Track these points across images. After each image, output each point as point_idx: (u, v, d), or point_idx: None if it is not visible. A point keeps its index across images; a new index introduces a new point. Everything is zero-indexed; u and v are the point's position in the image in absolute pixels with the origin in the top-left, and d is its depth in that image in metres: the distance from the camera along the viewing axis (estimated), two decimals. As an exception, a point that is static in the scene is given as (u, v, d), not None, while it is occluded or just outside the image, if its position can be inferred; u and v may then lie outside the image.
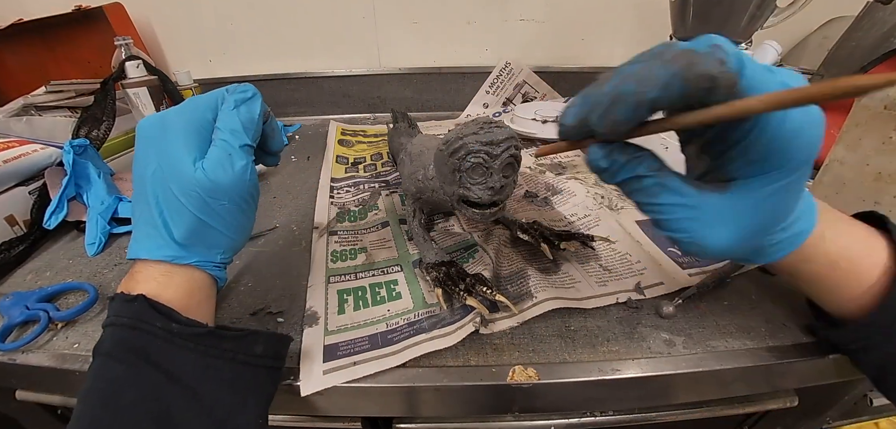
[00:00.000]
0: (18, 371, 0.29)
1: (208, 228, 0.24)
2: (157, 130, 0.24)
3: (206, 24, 0.80)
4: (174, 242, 0.24)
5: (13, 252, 0.39)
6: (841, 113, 0.52)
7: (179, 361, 0.21)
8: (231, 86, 0.26)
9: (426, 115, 0.85)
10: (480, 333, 0.29)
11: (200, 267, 0.25)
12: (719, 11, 0.41)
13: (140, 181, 0.24)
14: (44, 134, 0.61)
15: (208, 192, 0.23)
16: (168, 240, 0.23)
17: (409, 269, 0.36)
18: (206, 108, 0.25)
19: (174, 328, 0.22)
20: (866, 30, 0.55)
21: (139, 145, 0.24)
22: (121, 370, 0.20)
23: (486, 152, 0.29)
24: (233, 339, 0.23)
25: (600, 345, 0.29)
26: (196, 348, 0.22)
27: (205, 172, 0.23)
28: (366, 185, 0.54)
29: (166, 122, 0.24)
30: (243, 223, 0.26)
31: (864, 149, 0.26)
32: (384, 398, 0.27)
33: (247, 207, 0.26)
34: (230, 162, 0.24)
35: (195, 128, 0.24)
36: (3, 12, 0.73)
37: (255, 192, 0.27)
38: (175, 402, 0.20)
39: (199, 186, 0.23)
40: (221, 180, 0.23)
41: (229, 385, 0.22)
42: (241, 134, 0.25)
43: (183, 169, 0.23)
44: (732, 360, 0.28)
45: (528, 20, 0.82)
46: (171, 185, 0.23)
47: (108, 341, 0.21)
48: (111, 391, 0.20)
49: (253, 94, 0.26)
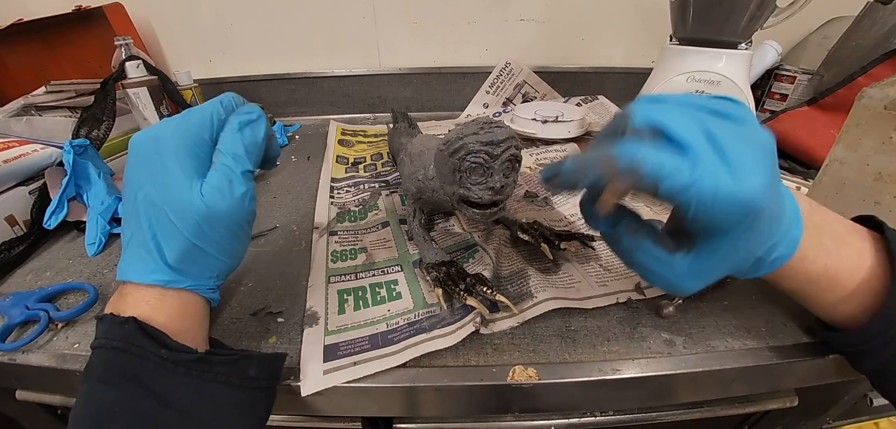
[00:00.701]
0: (18, 371, 0.29)
1: (203, 253, 0.23)
2: (150, 147, 0.22)
3: (206, 24, 0.80)
4: (167, 265, 0.22)
5: (13, 252, 0.39)
6: (841, 113, 0.53)
7: (172, 385, 0.21)
8: (225, 97, 0.25)
9: (426, 115, 0.85)
10: (481, 333, 0.29)
11: (193, 290, 0.24)
12: (719, 11, 0.41)
13: (131, 201, 0.22)
14: (44, 134, 0.61)
15: (205, 218, 0.22)
16: (160, 263, 0.22)
17: (410, 269, 0.36)
18: (202, 126, 0.24)
19: (164, 354, 0.21)
20: (866, 30, 0.55)
21: (131, 163, 0.23)
22: (113, 395, 0.20)
23: (487, 152, 0.29)
24: (226, 363, 0.23)
25: (600, 345, 0.29)
26: (188, 372, 0.22)
27: (202, 198, 0.22)
28: (366, 185, 0.54)
29: (160, 139, 0.22)
30: (238, 249, 0.26)
31: (864, 149, 0.26)
32: (384, 398, 0.27)
33: (243, 233, 0.25)
34: (230, 189, 0.23)
35: (191, 147, 0.23)
36: (3, 12, 0.73)
37: (252, 217, 0.26)
38: (169, 426, 0.20)
39: (195, 211, 0.22)
40: (220, 207, 0.22)
41: (224, 408, 0.22)
42: (243, 159, 0.24)
43: (178, 192, 0.22)
44: (732, 360, 0.28)
45: (528, 20, 0.82)
46: (166, 208, 0.22)
47: (99, 365, 0.21)
48: (104, 416, 0.20)
49: (258, 117, 0.25)
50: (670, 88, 0.45)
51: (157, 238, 0.22)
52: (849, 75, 0.53)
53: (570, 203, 0.47)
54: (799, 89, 0.67)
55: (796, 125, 0.57)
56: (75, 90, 0.66)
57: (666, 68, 0.46)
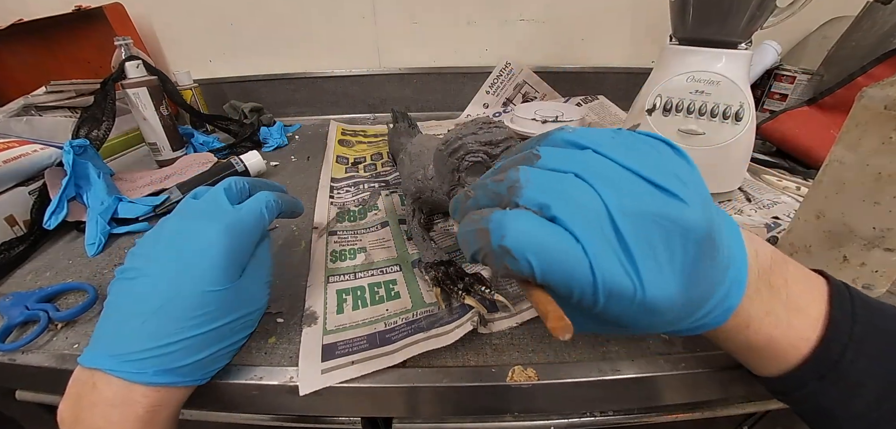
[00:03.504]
0: (18, 372, 0.29)
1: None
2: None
3: (206, 24, 0.80)
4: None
5: (13, 252, 0.39)
6: (841, 113, 0.52)
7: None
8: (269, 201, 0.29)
9: (426, 115, 0.85)
10: (479, 332, 0.29)
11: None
12: (719, 11, 0.41)
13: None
14: (44, 134, 0.61)
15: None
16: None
17: (408, 269, 0.36)
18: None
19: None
20: (866, 30, 0.55)
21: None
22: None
23: (485, 152, 0.29)
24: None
25: (600, 345, 0.29)
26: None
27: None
28: (366, 185, 0.54)
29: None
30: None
31: (864, 149, 0.26)
32: (383, 398, 0.27)
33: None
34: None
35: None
36: (3, 12, 0.73)
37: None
38: None
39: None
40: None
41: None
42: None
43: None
44: (732, 360, 0.28)
45: (528, 20, 0.82)
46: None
47: None
48: None
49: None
50: (670, 88, 0.45)
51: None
52: (849, 75, 0.53)
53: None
54: (799, 89, 0.67)
55: (796, 125, 0.57)
56: (75, 90, 0.66)
57: (666, 68, 0.46)
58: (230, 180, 0.29)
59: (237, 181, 0.29)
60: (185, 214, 0.26)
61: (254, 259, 0.27)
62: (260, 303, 0.27)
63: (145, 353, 0.21)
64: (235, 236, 0.25)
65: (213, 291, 0.23)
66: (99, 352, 0.22)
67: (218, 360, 0.25)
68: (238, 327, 0.25)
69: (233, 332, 0.25)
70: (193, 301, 0.22)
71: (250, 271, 0.26)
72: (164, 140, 0.61)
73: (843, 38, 0.59)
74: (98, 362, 0.21)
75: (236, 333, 0.25)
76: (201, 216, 0.26)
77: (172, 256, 0.24)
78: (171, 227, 0.25)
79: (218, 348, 0.24)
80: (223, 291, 0.23)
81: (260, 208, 0.28)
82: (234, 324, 0.25)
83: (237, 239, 0.25)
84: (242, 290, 0.25)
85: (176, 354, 0.22)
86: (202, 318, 0.23)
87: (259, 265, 0.27)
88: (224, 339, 0.24)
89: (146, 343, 0.21)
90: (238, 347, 0.26)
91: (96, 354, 0.22)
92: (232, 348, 0.26)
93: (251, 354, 0.28)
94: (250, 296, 0.26)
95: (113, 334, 0.22)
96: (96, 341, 0.23)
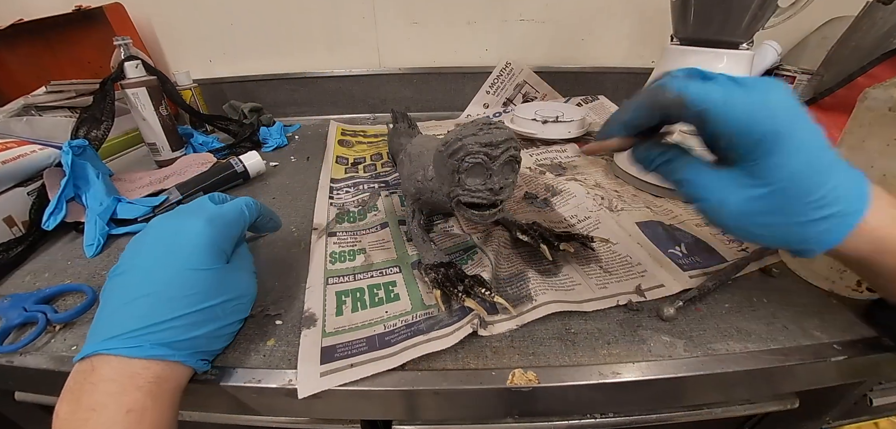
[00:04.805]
0: (17, 373, 0.29)
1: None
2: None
3: (206, 24, 0.80)
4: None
5: (11, 253, 0.39)
6: (841, 113, 0.52)
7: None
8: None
9: (426, 115, 0.85)
10: (479, 334, 0.29)
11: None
12: (720, 12, 0.41)
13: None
14: (44, 134, 0.61)
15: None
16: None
17: (408, 270, 0.36)
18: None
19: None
20: (866, 30, 0.55)
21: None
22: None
23: (486, 153, 0.29)
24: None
25: (600, 348, 0.29)
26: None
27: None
28: (365, 185, 0.53)
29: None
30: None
31: (869, 151, 0.26)
32: (383, 401, 0.27)
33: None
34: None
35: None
36: (3, 12, 0.73)
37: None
38: None
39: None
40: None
41: None
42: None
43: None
44: (733, 363, 0.28)
45: (528, 20, 0.81)
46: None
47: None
48: None
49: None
50: (671, 89, 0.45)
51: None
52: (849, 75, 0.53)
53: (569, 204, 0.46)
54: (799, 89, 0.66)
55: (797, 126, 0.56)
56: (75, 90, 0.66)
57: (667, 68, 0.45)
58: (212, 194, 0.32)
59: (219, 194, 0.33)
60: (170, 215, 0.28)
61: (237, 254, 0.30)
62: (248, 289, 0.29)
63: (141, 330, 0.22)
64: (218, 227, 0.27)
65: (199, 269, 0.24)
66: (94, 341, 0.22)
67: (214, 341, 0.26)
68: (230, 310, 0.26)
69: (225, 313, 0.26)
70: (182, 280, 0.24)
71: (235, 261, 0.29)
72: (163, 140, 0.60)
73: (842, 38, 0.58)
74: (95, 348, 0.22)
75: (229, 314, 0.26)
76: (185, 213, 0.28)
77: (160, 248, 0.25)
78: (157, 225, 0.27)
79: (213, 328, 0.25)
80: (209, 271, 0.25)
81: (240, 206, 0.31)
82: (226, 305, 0.26)
83: (220, 229, 0.27)
84: (229, 274, 0.27)
85: (171, 330, 0.23)
86: (193, 297, 0.24)
87: (243, 258, 0.30)
88: (218, 319, 0.25)
89: (141, 322, 0.22)
90: (234, 330, 0.28)
91: (92, 343, 0.22)
92: (227, 330, 0.27)
93: (250, 356, 0.28)
94: (237, 280, 0.28)
95: (107, 322, 0.23)
96: (91, 335, 0.23)
